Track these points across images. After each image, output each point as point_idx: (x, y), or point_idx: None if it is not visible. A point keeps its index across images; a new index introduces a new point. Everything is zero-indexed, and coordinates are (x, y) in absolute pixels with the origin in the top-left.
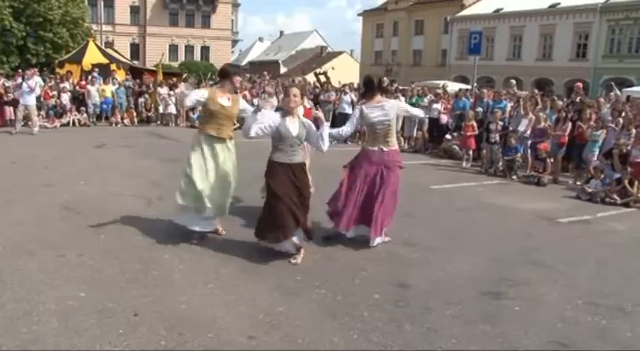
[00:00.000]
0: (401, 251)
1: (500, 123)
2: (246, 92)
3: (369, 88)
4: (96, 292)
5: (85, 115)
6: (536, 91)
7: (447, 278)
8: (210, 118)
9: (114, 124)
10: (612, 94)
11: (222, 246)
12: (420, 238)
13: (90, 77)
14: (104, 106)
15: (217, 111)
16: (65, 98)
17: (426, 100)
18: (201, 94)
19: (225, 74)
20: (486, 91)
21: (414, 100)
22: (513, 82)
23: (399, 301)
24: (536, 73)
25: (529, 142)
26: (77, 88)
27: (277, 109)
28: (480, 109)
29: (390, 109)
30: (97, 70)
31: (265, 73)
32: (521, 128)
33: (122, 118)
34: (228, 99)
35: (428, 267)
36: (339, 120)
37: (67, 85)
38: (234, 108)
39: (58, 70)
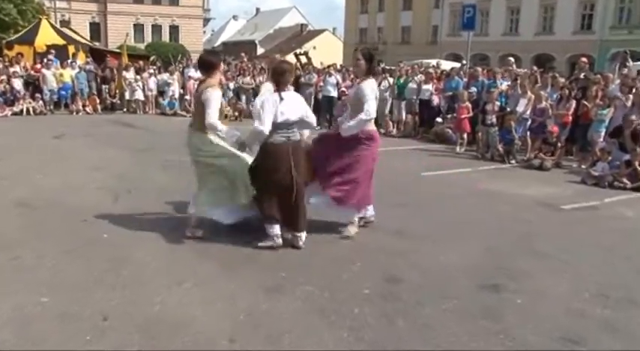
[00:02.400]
0: (391, 243)
1: (497, 103)
2: (221, 76)
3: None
4: (58, 296)
5: (40, 102)
6: (536, 68)
7: (441, 270)
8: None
9: (75, 113)
10: (628, 65)
11: (198, 242)
12: (412, 229)
13: (45, 60)
14: (62, 92)
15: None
16: (17, 84)
17: (415, 79)
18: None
19: (212, 66)
20: (481, 69)
21: (402, 81)
22: (512, 59)
23: (391, 295)
24: (535, 48)
25: (528, 123)
26: (31, 72)
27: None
28: (474, 89)
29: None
30: (53, 52)
31: (243, 54)
32: (519, 109)
33: (84, 106)
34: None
35: (420, 259)
36: (323, 104)
37: (17, 69)
38: None
39: (6, 51)
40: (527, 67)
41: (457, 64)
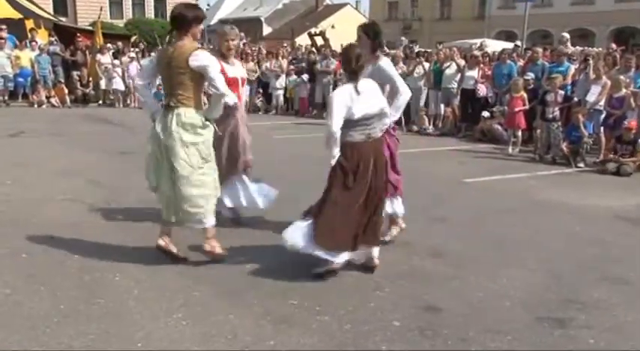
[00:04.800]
0: (428, 264)
1: (561, 92)
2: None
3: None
4: (15, 334)
5: None
6: (614, 46)
7: (491, 299)
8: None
9: (36, 105)
10: None
11: (190, 264)
12: (453, 248)
13: None
14: (20, 79)
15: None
16: None
17: (453, 66)
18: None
19: (181, 22)
20: (541, 50)
21: (439, 66)
22: (566, 35)
23: (427, 329)
24: (615, 20)
25: (602, 116)
26: None
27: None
28: (531, 75)
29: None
30: (4, 27)
31: (242, 34)
32: (590, 99)
33: (48, 97)
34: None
35: (464, 285)
36: None
37: None
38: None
39: None
40: (604, 46)
41: (509, 45)
